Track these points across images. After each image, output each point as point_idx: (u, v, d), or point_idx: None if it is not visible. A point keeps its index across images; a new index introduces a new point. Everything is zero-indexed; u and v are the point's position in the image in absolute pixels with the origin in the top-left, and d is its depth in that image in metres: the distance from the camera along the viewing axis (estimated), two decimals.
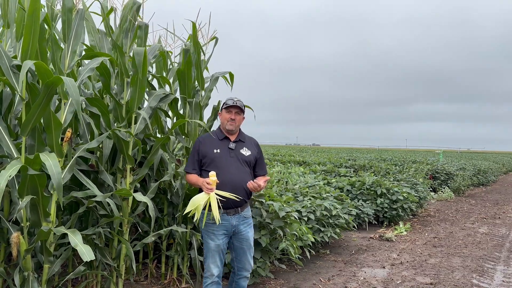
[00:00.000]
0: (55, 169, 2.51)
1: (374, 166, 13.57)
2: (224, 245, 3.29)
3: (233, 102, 3.35)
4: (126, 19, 3.71)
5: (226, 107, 3.37)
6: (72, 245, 2.60)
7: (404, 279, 4.96)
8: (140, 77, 3.51)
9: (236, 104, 3.35)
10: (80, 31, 3.15)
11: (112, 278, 3.63)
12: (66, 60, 3.08)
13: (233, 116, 3.35)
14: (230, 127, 3.35)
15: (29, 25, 2.65)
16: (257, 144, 3.56)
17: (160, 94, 3.94)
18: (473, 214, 10.10)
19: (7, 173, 2.36)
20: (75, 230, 2.72)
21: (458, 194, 13.79)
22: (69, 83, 2.61)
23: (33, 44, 2.70)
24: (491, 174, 20.34)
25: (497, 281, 4.99)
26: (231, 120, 3.34)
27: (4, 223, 2.91)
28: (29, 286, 2.77)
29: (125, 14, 3.70)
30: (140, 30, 3.82)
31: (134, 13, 3.72)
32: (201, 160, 3.35)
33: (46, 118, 2.72)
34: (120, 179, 3.69)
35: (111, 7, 3.85)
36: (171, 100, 4.06)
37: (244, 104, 3.42)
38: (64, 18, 3.08)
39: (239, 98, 3.42)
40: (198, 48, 4.17)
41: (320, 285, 4.68)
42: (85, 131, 3.52)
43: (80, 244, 2.59)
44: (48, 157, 2.53)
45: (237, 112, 3.37)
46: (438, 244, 6.79)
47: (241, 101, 3.41)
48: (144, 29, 3.84)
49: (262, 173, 3.49)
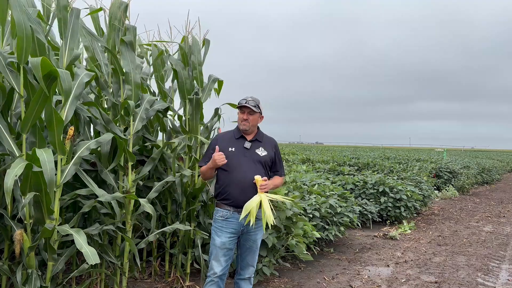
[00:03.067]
0: (49, 165, 2.50)
1: (378, 165, 13.53)
2: (230, 244, 3.24)
3: (245, 102, 3.27)
4: (116, 17, 3.70)
5: (239, 107, 3.32)
6: (77, 247, 2.59)
7: (408, 277, 4.93)
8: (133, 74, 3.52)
9: (245, 105, 3.27)
10: (76, 29, 3.15)
11: (115, 276, 3.63)
12: (64, 57, 3.08)
13: (245, 116, 3.28)
14: (243, 127, 3.30)
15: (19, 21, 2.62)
16: (275, 145, 3.48)
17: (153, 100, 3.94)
18: (478, 212, 10.05)
19: (13, 172, 2.36)
20: (79, 230, 2.71)
21: (462, 192, 13.74)
22: (64, 75, 2.59)
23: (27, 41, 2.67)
24: (495, 172, 20.26)
25: (502, 279, 4.95)
26: (244, 120, 3.29)
27: (8, 221, 2.91)
28: (33, 283, 2.76)
29: (113, 12, 3.70)
30: (129, 32, 3.80)
31: (122, 12, 3.71)
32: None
33: (47, 115, 2.71)
34: (122, 176, 3.69)
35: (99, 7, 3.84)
36: (164, 107, 4.09)
37: (257, 103, 3.30)
38: (59, 16, 3.08)
39: (254, 97, 3.32)
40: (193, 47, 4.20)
41: (324, 283, 4.67)
42: (85, 129, 3.51)
43: (85, 245, 2.58)
44: (43, 153, 2.52)
45: (250, 112, 3.28)
46: (442, 243, 6.76)
47: (254, 100, 3.30)
48: (133, 31, 3.82)
49: (278, 174, 3.46)
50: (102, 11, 3.79)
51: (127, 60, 3.67)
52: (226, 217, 3.22)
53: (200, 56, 4.32)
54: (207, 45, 4.41)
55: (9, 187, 2.28)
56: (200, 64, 4.31)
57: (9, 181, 2.30)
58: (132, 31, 3.82)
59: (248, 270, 3.38)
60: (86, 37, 3.81)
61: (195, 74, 4.26)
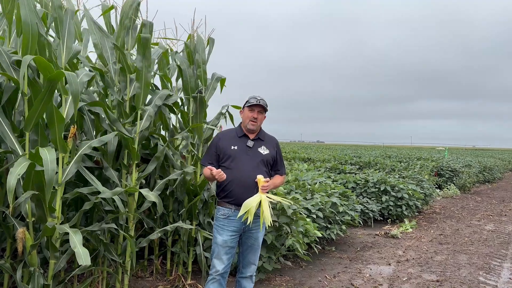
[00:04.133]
0: (51, 165, 2.49)
1: (379, 163, 13.52)
2: (232, 242, 3.25)
3: (257, 101, 3.26)
4: (127, 15, 3.70)
5: (249, 106, 3.30)
6: (71, 246, 2.60)
7: (410, 276, 4.93)
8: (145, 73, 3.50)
9: (259, 103, 3.26)
10: (72, 28, 3.16)
11: (117, 274, 3.63)
12: (63, 55, 3.10)
13: (255, 115, 3.27)
14: (251, 127, 3.29)
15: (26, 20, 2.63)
16: (277, 144, 3.49)
17: (165, 94, 3.95)
18: (479, 211, 10.03)
19: (16, 171, 2.35)
20: (76, 230, 2.71)
21: (464, 191, 13.72)
22: (71, 77, 2.60)
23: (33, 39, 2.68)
24: (497, 171, 20.23)
25: (504, 278, 4.95)
26: (253, 119, 3.28)
27: (10, 219, 2.91)
28: (35, 281, 2.77)
29: (125, 11, 3.69)
30: (145, 28, 3.81)
31: (134, 10, 3.70)
32: (218, 155, 3.33)
33: (48, 114, 2.71)
34: (125, 175, 3.69)
35: (111, 5, 3.84)
36: (174, 101, 4.08)
37: (266, 103, 3.31)
38: (55, 16, 3.09)
39: (262, 97, 3.32)
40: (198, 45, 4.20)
41: (326, 281, 4.67)
42: (90, 128, 3.51)
43: (79, 245, 2.57)
44: (46, 152, 2.52)
45: (260, 111, 3.29)
46: (444, 241, 6.75)
47: (264, 100, 3.31)
48: (149, 27, 3.83)
49: (279, 173, 3.47)
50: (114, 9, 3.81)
51: (140, 56, 3.59)
52: (227, 215, 3.23)
53: (204, 54, 4.32)
54: (211, 44, 4.42)
55: (12, 186, 2.28)
56: (204, 62, 4.31)
57: (12, 180, 2.29)
58: (149, 27, 3.81)
59: (249, 268, 3.38)
60: (96, 34, 3.80)
61: (199, 72, 4.26)
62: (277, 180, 3.43)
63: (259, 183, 3.14)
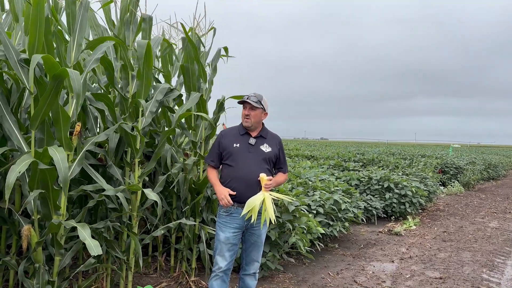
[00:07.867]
0: (63, 164, 2.51)
1: (383, 160, 13.49)
2: (234, 239, 3.26)
3: (246, 98, 3.28)
4: (127, 10, 3.69)
5: (240, 103, 3.33)
6: (81, 239, 2.62)
7: (413, 273, 4.93)
8: (146, 70, 3.50)
9: (245, 100, 3.27)
10: (84, 23, 3.14)
11: (121, 271, 3.66)
12: (72, 53, 3.08)
13: (247, 112, 3.28)
14: (245, 124, 3.31)
15: (35, 18, 2.64)
16: (280, 142, 3.47)
17: (166, 88, 3.93)
18: (483, 208, 10.01)
19: (17, 169, 2.36)
20: (84, 224, 2.74)
21: (468, 188, 13.67)
22: (74, 75, 2.61)
23: (40, 38, 2.69)
24: (501, 168, 20.14)
25: (507, 275, 4.94)
26: (246, 116, 3.29)
27: (16, 216, 2.94)
28: (40, 278, 2.80)
29: (125, 5, 3.68)
30: (145, 22, 3.78)
31: (134, 4, 3.69)
32: (221, 153, 3.35)
33: (54, 112, 2.72)
34: (129, 172, 3.71)
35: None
36: (176, 95, 4.07)
37: (259, 99, 3.28)
38: (68, 11, 3.07)
39: (256, 93, 3.31)
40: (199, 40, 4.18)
41: (329, 278, 4.68)
42: (93, 125, 3.53)
43: (89, 238, 2.60)
44: (56, 151, 2.53)
45: (251, 107, 3.28)
46: (447, 239, 6.75)
47: (256, 96, 3.29)
48: (148, 21, 3.80)
49: (282, 171, 3.48)
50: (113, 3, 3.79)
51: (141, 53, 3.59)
52: (230, 212, 3.24)
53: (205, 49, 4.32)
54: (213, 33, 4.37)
55: (11, 183, 2.28)
56: (205, 56, 4.31)
57: (11, 177, 2.30)
58: (148, 21, 3.79)
59: (253, 266, 3.40)
60: (96, 29, 3.80)
61: (199, 69, 4.25)
62: (280, 178, 3.44)
63: (262, 181, 3.15)
